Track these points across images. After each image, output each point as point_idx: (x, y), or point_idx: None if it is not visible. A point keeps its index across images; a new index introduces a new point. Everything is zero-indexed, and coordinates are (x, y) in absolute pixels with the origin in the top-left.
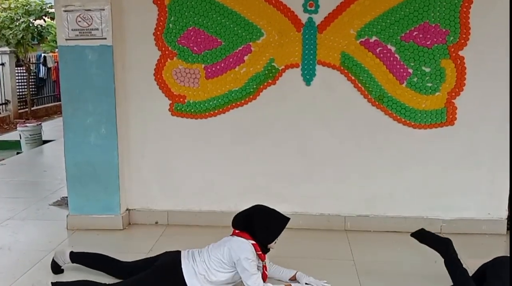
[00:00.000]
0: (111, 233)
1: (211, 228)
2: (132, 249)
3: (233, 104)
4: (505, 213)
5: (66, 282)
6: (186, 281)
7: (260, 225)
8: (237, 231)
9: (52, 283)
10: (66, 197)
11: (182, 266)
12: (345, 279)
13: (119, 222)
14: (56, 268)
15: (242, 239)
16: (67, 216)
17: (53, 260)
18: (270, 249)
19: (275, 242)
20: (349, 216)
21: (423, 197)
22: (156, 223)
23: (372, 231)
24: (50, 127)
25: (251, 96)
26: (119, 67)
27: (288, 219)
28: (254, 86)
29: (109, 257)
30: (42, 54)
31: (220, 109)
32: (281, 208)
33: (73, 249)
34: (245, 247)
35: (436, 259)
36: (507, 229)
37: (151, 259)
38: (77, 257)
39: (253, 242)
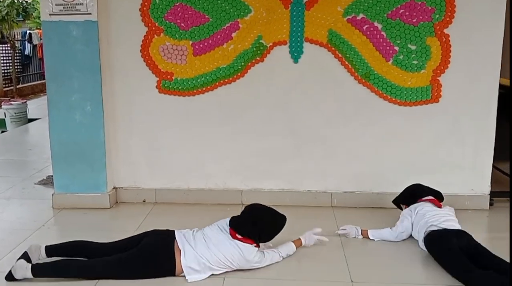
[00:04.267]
0: (98, 212)
1: (200, 206)
2: (119, 228)
3: (221, 81)
4: (487, 189)
5: (46, 262)
6: (182, 264)
7: (268, 231)
8: (240, 236)
9: (32, 265)
10: (52, 176)
11: (181, 248)
12: (331, 254)
13: (106, 200)
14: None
15: (248, 246)
16: (52, 194)
17: (24, 253)
18: None
19: None
20: (336, 192)
21: (408, 173)
22: (144, 201)
23: (358, 207)
24: (36, 106)
25: (239, 74)
26: (105, 43)
27: (285, 217)
28: (242, 64)
29: (87, 242)
30: (28, 31)
31: (208, 87)
32: (269, 185)
33: (47, 244)
34: (254, 254)
35: None
36: (490, 205)
37: (135, 239)
38: (53, 250)
39: (256, 248)
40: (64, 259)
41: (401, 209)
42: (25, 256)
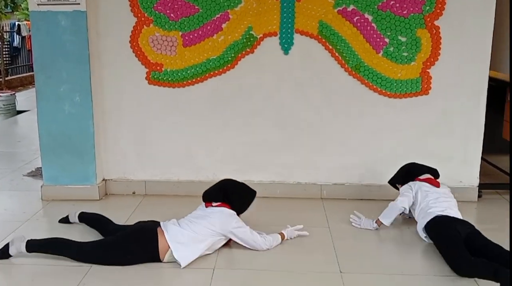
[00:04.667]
0: (87, 204)
1: (190, 198)
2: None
3: (211, 73)
4: (476, 181)
5: (40, 239)
6: (168, 240)
7: (237, 197)
8: (215, 204)
9: (27, 241)
10: (41, 168)
11: (164, 230)
12: (320, 245)
13: (95, 192)
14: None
15: (226, 209)
16: (41, 186)
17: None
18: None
19: None
20: (325, 184)
21: (397, 165)
22: (134, 193)
23: (347, 199)
24: (25, 98)
25: (229, 65)
26: (93, 33)
27: (255, 191)
28: (232, 55)
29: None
30: (16, 23)
31: (198, 78)
32: (259, 177)
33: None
34: (232, 217)
35: (409, 226)
36: (478, 197)
37: (120, 229)
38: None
39: (233, 211)
40: (57, 238)
41: (397, 189)
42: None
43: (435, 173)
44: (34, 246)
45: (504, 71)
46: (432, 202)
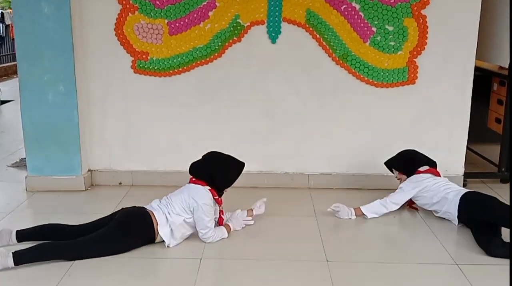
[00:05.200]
0: (72, 194)
1: (177, 188)
2: (94, 210)
3: (198, 61)
4: (461, 170)
5: (26, 249)
6: (156, 216)
7: (220, 169)
8: (194, 179)
9: (12, 253)
10: (25, 158)
11: (151, 209)
12: (307, 234)
13: (80, 183)
14: None
15: (199, 186)
16: (25, 177)
17: None
18: (224, 192)
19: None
20: (313, 174)
21: (384, 154)
22: (120, 184)
23: (334, 189)
24: (9, 87)
25: (216, 54)
26: (77, 21)
27: (243, 163)
28: (219, 43)
29: (59, 224)
30: (0, 11)
31: (185, 67)
32: (246, 167)
33: (20, 227)
34: (203, 193)
35: (395, 214)
36: (463, 186)
37: (107, 218)
38: (25, 235)
39: (209, 188)
40: (43, 243)
41: (392, 172)
42: None
43: (433, 165)
44: (22, 258)
45: (490, 61)
46: (444, 186)
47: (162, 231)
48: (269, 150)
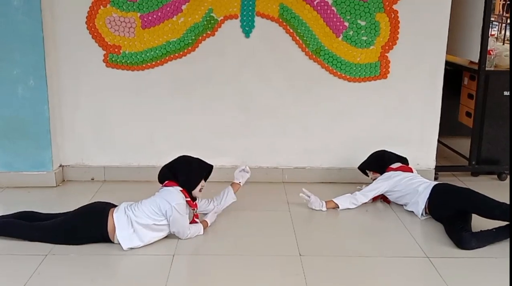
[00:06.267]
0: (43, 190)
1: (150, 184)
2: (65, 206)
3: (171, 55)
4: (433, 163)
5: None
6: (118, 230)
7: (182, 169)
8: (163, 184)
9: None
10: None
11: (115, 210)
12: (280, 228)
13: (51, 178)
14: None
15: (169, 187)
16: None
17: None
18: (197, 198)
19: (201, 190)
20: (287, 168)
21: (357, 148)
22: (92, 179)
23: (308, 183)
24: None
25: (189, 48)
26: (48, 14)
27: (211, 165)
28: (193, 37)
29: (30, 212)
30: None
31: (158, 61)
32: (221, 162)
33: None
34: (174, 193)
35: (367, 208)
36: (435, 179)
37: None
38: None
39: (181, 188)
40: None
41: (367, 176)
42: None
43: (405, 161)
44: None
45: (461, 55)
46: (415, 181)
47: (121, 234)
48: (243, 144)
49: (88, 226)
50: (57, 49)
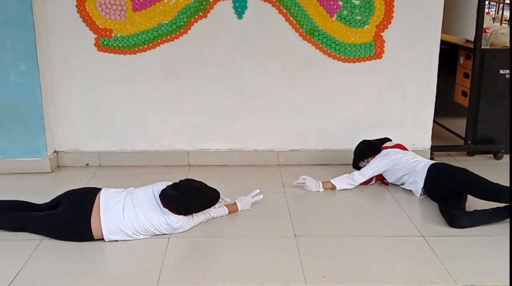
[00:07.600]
0: (38, 176)
1: (146, 168)
2: (60, 192)
3: (163, 38)
4: (428, 143)
5: None
6: (102, 224)
7: (196, 207)
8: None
9: None
10: None
11: (101, 207)
12: (275, 211)
13: (46, 164)
14: None
15: (174, 216)
16: None
17: None
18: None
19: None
20: (282, 151)
21: (352, 129)
22: (87, 164)
23: (303, 165)
24: None
25: (181, 30)
26: None
27: (218, 194)
28: (185, 19)
29: (21, 201)
30: None
31: (150, 44)
32: (215, 145)
33: None
34: (179, 223)
35: (363, 188)
36: (430, 159)
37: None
38: None
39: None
40: None
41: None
42: None
43: (388, 141)
44: None
45: (456, 34)
46: (413, 160)
47: (108, 237)
48: (238, 128)
49: (72, 223)
50: (48, 33)
